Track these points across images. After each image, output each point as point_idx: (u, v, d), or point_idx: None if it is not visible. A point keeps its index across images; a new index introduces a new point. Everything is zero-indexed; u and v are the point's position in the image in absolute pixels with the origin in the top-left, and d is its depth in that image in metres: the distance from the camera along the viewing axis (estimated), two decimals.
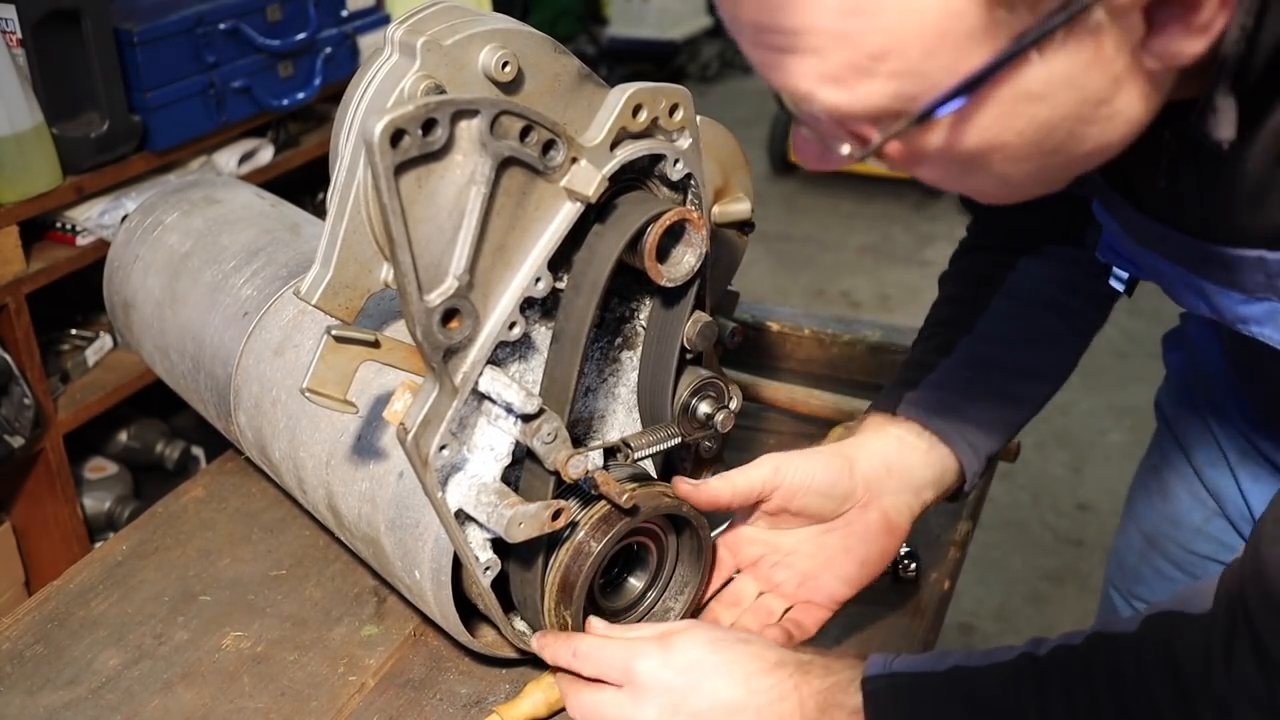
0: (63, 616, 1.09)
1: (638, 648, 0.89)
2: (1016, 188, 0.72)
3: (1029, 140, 0.65)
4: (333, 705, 0.99)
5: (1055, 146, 0.66)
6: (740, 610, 1.01)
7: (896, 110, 0.63)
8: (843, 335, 1.46)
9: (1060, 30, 0.58)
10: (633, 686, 0.88)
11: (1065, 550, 2.94)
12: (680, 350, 0.97)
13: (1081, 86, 0.62)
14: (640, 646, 0.89)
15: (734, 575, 1.04)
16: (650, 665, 0.87)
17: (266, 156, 2.49)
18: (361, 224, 0.89)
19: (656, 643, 0.89)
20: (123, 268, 1.30)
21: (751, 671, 0.86)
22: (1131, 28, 0.60)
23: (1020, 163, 0.67)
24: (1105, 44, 0.60)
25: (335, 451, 1.02)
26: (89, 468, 2.42)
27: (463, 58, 0.84)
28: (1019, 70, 0.60)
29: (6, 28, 1.98)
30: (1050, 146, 0.66)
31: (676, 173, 0.91)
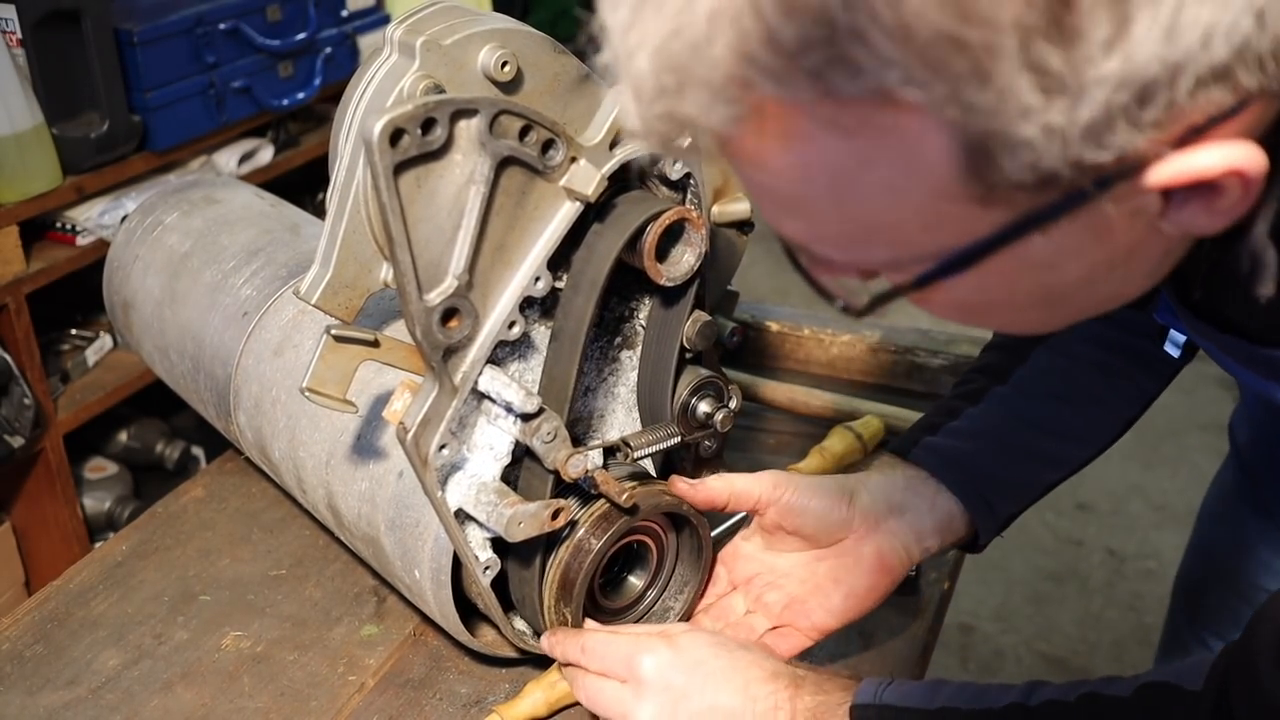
0: (63, 616, 1.09)
1: (643, 643, 0.89)
2: (1026, 328, 0.71)
3: (1035, 298, 0.63)
4: (333, 705, 0.99)
5: (1063, 301, 0.64)
6: (724, 625, 1.00)
7: (892, 267, 0.60)
8: (843, 335, 1.46)
9: (1064, 216, 0.54)
10: (636, 681, 0.88)
11: (1065, 550, 2.94)
12: (680, 350, 0.97)
13: (1089, 259, 0.59)
14: (646, 642, 0.89)
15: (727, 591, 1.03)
16: (654, 662, 0.87)
17: (266, 156, 2.49)
18: (361, 224, 0.89)
19: (662, 640, 0.89)
20: (122, 268, 1.30)
21: (751, 679, 0.86)
22: (1146, 206, 0.55)
23: (1026, 311, 0.65)
24: (1116, 223, 0.56)
25: (335, 451, 1.02)
26: (89, 468, 2.42)
27: (462, 57, 0.84)
28: (1020, 245, 0.56)
29: (6, 28, 1.98)
30: (1058, 302, 0.64)
31: (676, 172, 0.91)
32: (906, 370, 1.42)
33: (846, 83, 0.48)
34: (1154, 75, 0.46)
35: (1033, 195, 0.52)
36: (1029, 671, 2.57)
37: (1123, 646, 2.65)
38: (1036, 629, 2.69)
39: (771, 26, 0.47)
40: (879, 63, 0.46)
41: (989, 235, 0.55)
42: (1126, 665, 2.59)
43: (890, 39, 0.45)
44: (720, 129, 0.52)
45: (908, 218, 0.55)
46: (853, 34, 0.46)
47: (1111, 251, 0.58)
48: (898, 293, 0.60)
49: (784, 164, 0.54)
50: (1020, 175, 0.50)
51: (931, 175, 0.52)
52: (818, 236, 0.59)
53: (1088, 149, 0.48)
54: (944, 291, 0.60)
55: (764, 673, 0.86)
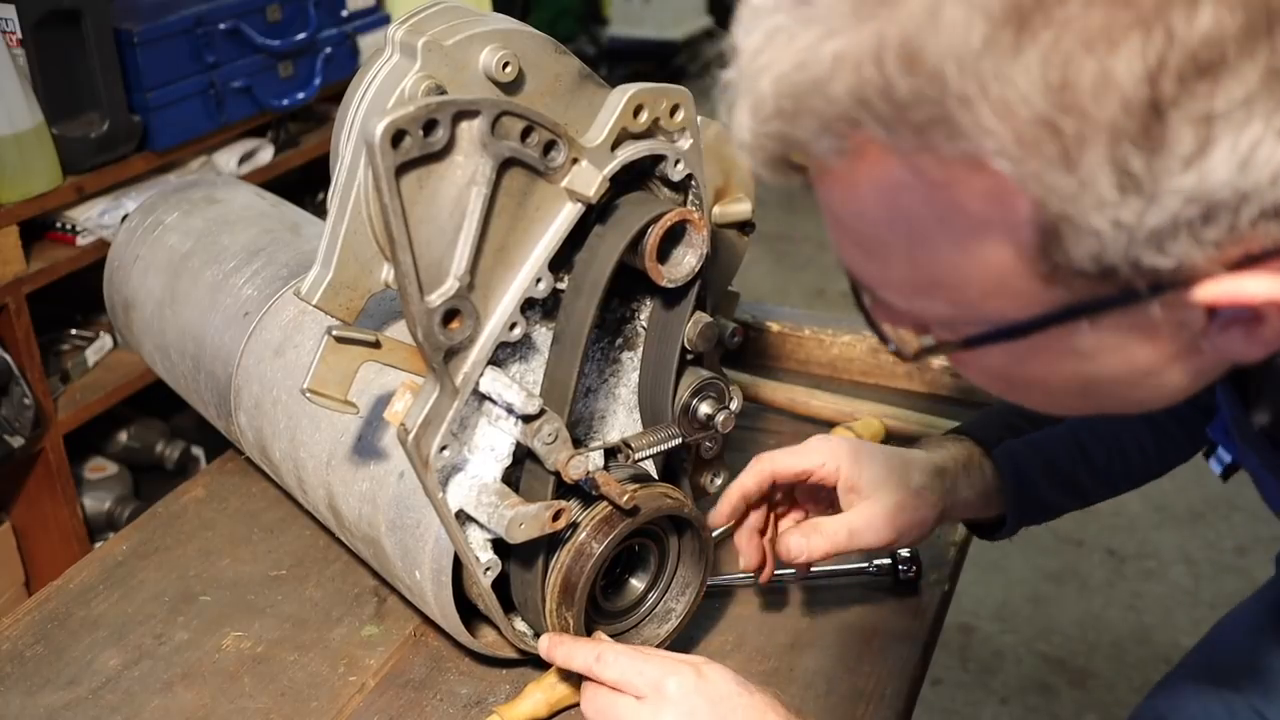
0: (63, 616, 1.09)
1: (673, 666, 0.88)
2: (1056, 410, 0.74)
3: (1071, 387, 0.66)
4: (333, 705, 0.99)
5: (1095, 394, 0.67)
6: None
7: (946, 324, 0.65)
8: (843, 335, 1.46)
9: (1115, 309, 0.58)
10: (659, 698, 0.87)
11: (1065, 550, 2.94)
12: (681, 351, 0.97)
13: (1130, 357, 0.62)
14: (676, 666, 0.88)
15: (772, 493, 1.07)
16: (679, 683, 0.86)
17: (266, 156, 2.48)
18: (362, 224, 0.89)
19: (690, 668, 0.88)
20: (123, 267, 1.30)
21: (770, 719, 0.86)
22: (1191, 321, 0.58)
23: (1060, 394, 0.69)
24: (1161, 329, 0.59)
25: (336, 452, 1.02)
26: (89, 468, 2.41)
27: (463, 58, 0.84)
28: (1068, 329, 0.60)
29: (6, 28, 1.98)
30: (1090, 393, 0.67)
31: (677, 173, 0.91)
32: (907, 370, 1.42)
33: (945, 142, 0.52)
34: (1223, 199, 0.50)
35: (1091, 284, 0.56)
36: (1029, 671, 2.57)
37: (1123, 646, 2.65)
38: (1036, 629, 2.68)
39: (889, 78, 0.51)
40: (979, 130, 0.50)
41: (1042, 313, 0.59)
42: (1126, 665, 2.59)
43: (994, 112, 0.49)
44: (822, 158, 0.57)
45: (972, 279, 0.59)
46: (961, 100, 0.50)
47: (1150, 357, 0.62)
48: (944, 349, 0.65)
49: (870, 204, 0.59)
50: (1084, 262, 0.54)
51: (1004, 244, 0.56)
52: (886, 281, 0.64)
53: (1149, 251, 0.52)
54: (987, 357, 0.65)
55: (781, 716, 0.86)
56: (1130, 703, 2.49)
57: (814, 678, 1.01)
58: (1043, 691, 2.53)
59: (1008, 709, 2.50)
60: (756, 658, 1.03)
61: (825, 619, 1.08)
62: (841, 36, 0.53)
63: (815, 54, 0.53)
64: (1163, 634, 2.67)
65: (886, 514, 1.00)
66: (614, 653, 0.90)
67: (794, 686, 1.00)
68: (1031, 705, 2.50)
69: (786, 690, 1.00)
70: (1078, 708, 2.50)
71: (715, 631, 1.06)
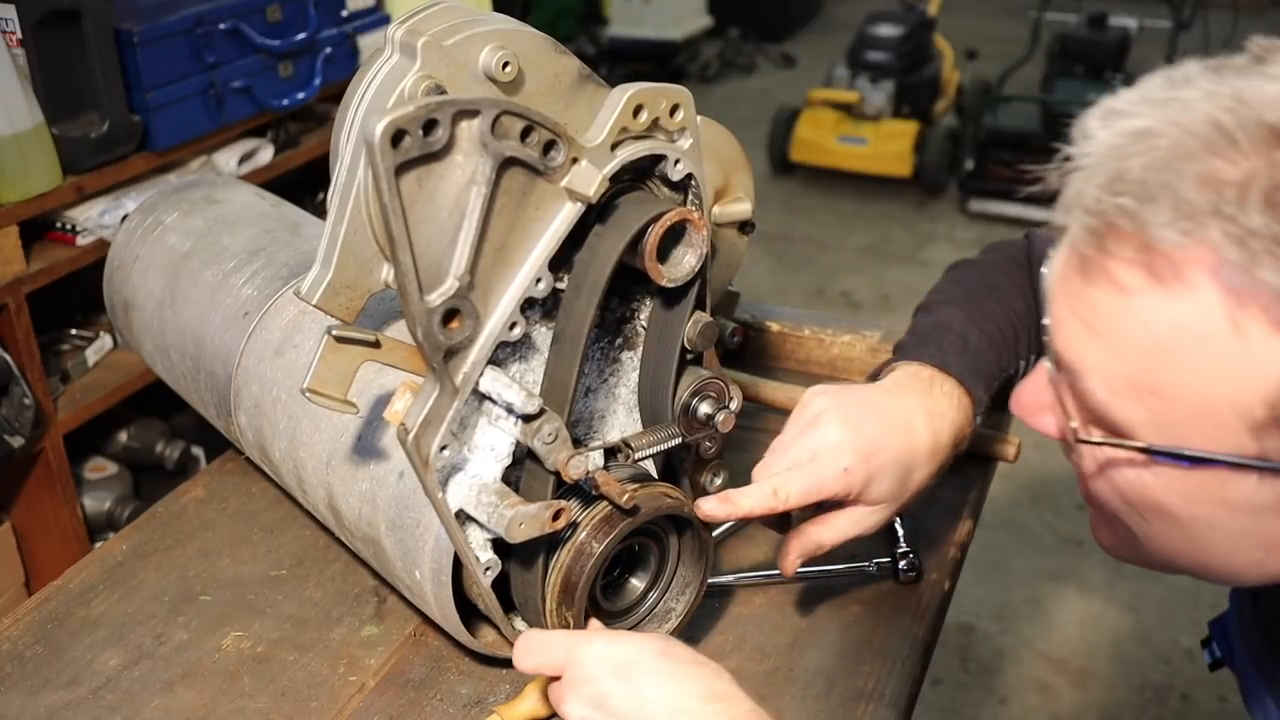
0: (63, 616, 1.09)
1: (582, 637, 0.85)
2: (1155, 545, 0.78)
3: (1193, 530, 0.72)
4: (333, 705, 0.99)
5: (1207, 547, 0.73)
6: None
7: (1128, 429, 0.70)
8: (842, 335, 1.46)
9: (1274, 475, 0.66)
10: (572, 672, 0.83)
11: (1065, 550, 2.94)
12: (681, 351, 0.97)
13: (1261, 522, 0.69)
14: (584, 635, 0.85)
15: None
16: (588, 655, 0.82)
17: (266, 156, 2.49)
18: (362, 224, 0.89)
19: (603, 636, 0.84)
20: (123, 267, 1.30)
21: (689, 692, 0.80)
22: None
23: (1175, 536, 0.74)
24: None
25: (336, 451, 1.02)
26: (89, 468, 2.42)
27: (463, 58, 0.84)
28: (1238, 475, 0.67)
29: (6, 28, 1.98)
30: (1203, 545, 0.73)
31: (677, 173, 0.91)
32: None
33: (1270, 275, 0.61)
34: None
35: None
36: (1029, 671, 2.57)
37: (1122, 646, 2.65)
38: (1036, 629, 2.69)
39: (1250, 208, 0.61)
40: None
41: (1230, 454, 0.66)
42: (1126, 665, 2.59)
43: None
44: (1145, 236, 0.64)
45: (1190, 403, 0.66)
46: None
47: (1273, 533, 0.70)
48: (1118, 447, 0.71)
49: (1142, 299, 0.65)
50: None
51: (1247, 387, 0.64)
52: (1103, 370, 0.69)
53: None
54: (1142, 472, 0.71)
55: (708, 692, 0.80)
56: (1130, 703, 2.50)
57: (814, 678, 1.01)
58: (1043, 691, 2.53)
59: (1007, 709, 2.50)
60: (756, 657, 1.03)
61: (825, 619, 1.08)
62: (1218, 159, 0.63)
63: (1201, 165, 0.63)
64: (1163, 634, 2.67)
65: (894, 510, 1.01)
66: (529, 637, 0.87)
67: (794, 686, 1.00)
68: (1031, 705, 2.50)
69: (786, 690, 1.00)
70: (1078, 708, 2.50)
71: (715, 631, 1.06)
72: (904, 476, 0.99)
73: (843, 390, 1.02)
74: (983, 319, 1.12)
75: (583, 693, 0.81)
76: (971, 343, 1.10)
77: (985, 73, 5.46)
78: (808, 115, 4.89)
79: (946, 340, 1.09)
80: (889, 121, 4.83)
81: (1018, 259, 1.19)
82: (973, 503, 1.23)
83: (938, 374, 1.06)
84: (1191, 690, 2.53)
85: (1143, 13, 5.21)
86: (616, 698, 0.80)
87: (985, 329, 1.11)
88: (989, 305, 1.14)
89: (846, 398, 1.00)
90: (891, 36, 4.83)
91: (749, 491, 0.95)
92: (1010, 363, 1.14)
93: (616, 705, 0.80)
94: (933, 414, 1.02)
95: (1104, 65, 4.87)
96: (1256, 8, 6.70)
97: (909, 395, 1.03)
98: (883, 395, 1.02)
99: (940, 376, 1.06)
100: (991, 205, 4.72)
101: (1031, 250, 1.19)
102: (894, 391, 1.03)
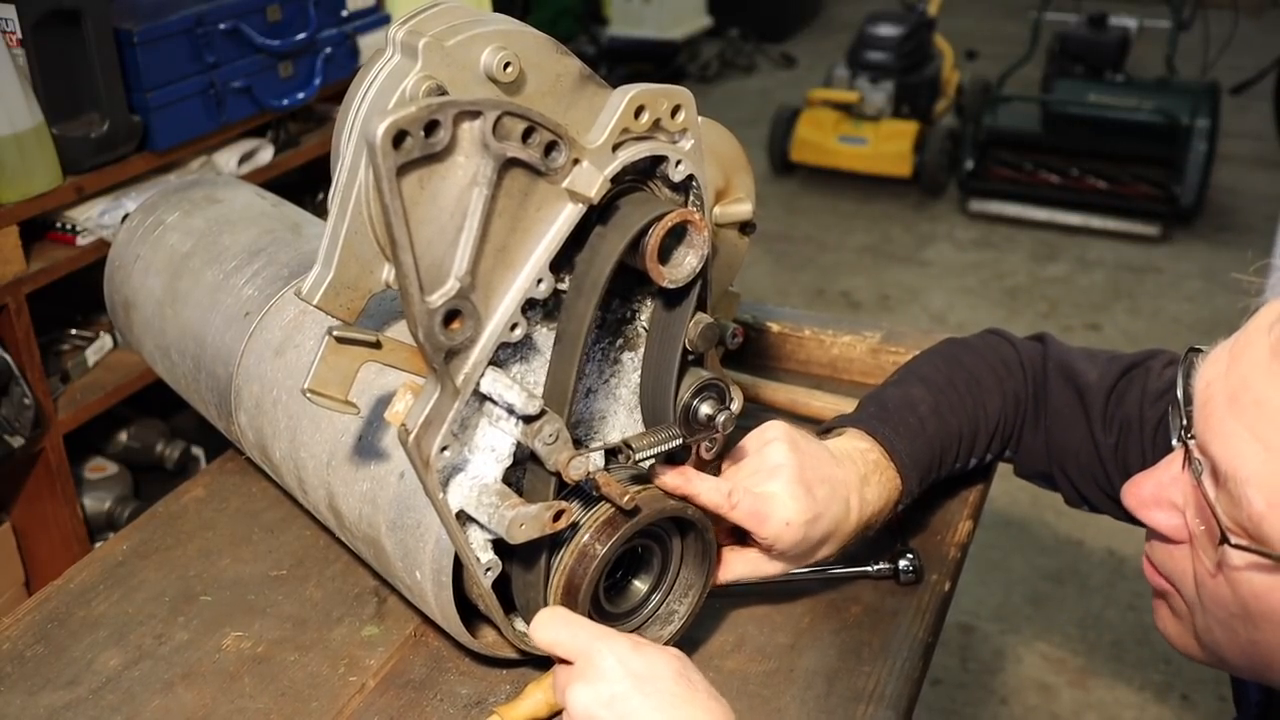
0: (63, 616, 1.09)
1: (607, 633, 0.86)
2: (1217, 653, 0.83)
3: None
4: (333, 706, 0.99)
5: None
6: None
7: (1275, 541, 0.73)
8: (843, 335, 1.46)
9: None
10: (586, 663, 0.84)
11: (1065, 550, 2.94)
12: (682, 351, 0.97)
13: None
14: (609, 632, 0.86)
15: None
16: (609, 653, 0.83)
17: (266, 156, 2.49)
18: (363, 224, 0.89)
19: (626, 639, 0.85)
20: (124, 267, 1.30)
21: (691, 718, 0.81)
22: None
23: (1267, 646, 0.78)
24: None
25: (336, 452, 1.02)
26: (89, 468, 2.42)
27: (464, 58, 0.84)
28: None
29: (6, 28, 1.98)
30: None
31: (678, 174, 0.91)
32: None
33: None
34: None
35: None
36: (1029, 671, 2.57)
37: (1123, 646, 2.65)
38: (1036, 629, 2.69)
39: None
40: None
41: None
42: (1126, 665, 2.59)
43: None
44: None
45: None
46: None
47: None
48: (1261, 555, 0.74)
49: None
50: None
51: None
52: (1265, 481, 0.73)
53: None
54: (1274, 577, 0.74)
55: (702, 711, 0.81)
56: (1130, 703, 2.50)
57: (814, 678, 1.01)
58: (1043, 691, 2.53)
59: (1008, 709, 2.50)
60: (757, 658, 1.03)
61: (825, 620, 1.08)
62: None
63: None
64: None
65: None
66: (557, 614, 0.88)
67: (794, 687, 1.01)
68: (1031, 705, 2.50)
69: (786, 690, 1.00)
70: (1078, 708, 2.50)
71: (716, 632, 1.07)
72: (820, 547, 1.03)
73: (801, 444, 1.03)
74: (950, 410, 1.13)
75: (594, 688, 0.82)
76: (928, 431, 1.11)
77: (985, 73, 5.47)
78: (808, 115, 4.89)
79: (906, 423, 1.11)
80: (889, 121, 4.83)
81: (1012, 360, 1.18)
82: (973, 503, 1.23)
83: (883, 459, 1.08)
84: (1191, 690, 2.53)
85: (1143, 13, 5.22)
86: (628, 705, 0.81)
87: (948, 421, 1.13)
88: (964, 397, 1.14)
89: (805, 456, 1.02)
90: (891, 36, 4.84)
91: (708, 480, 0.98)
92: (961, 460, 1.16)
93: (624, 710, 0.81)
94: (865, 502, 1.05)
95: (1104, 65, 4.87)
96: (1256, 8, 6.71)
97: (851, 472, 1.05)
98: (833, 466, 1.04)
99: (885, 463, 1.08)
100: (991, 205, 4.72)
101: (1048, 355, 1.18)
102: (843, 463, 1.05)
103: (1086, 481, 1.15)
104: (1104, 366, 1.15)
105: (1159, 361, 1.13)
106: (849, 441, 1.09)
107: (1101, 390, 1.13)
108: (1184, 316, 4.08)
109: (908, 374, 1.18)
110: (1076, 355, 1.18)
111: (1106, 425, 1.11)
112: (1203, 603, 0.81)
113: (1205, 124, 4.47)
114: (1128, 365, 1.14)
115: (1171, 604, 0.87)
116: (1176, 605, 0.86)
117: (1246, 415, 0.74)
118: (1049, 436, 1.16)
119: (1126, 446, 1.09)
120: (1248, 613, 0.77)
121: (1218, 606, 0.80)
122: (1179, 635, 0.87)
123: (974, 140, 4.70)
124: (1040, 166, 4.58)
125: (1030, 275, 4.35)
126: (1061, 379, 1.16)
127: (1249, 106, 5.60)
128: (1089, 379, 1.14)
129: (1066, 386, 1.15)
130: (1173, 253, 4.48)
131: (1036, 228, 4.64)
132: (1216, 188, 4.65)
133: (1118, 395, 1.12)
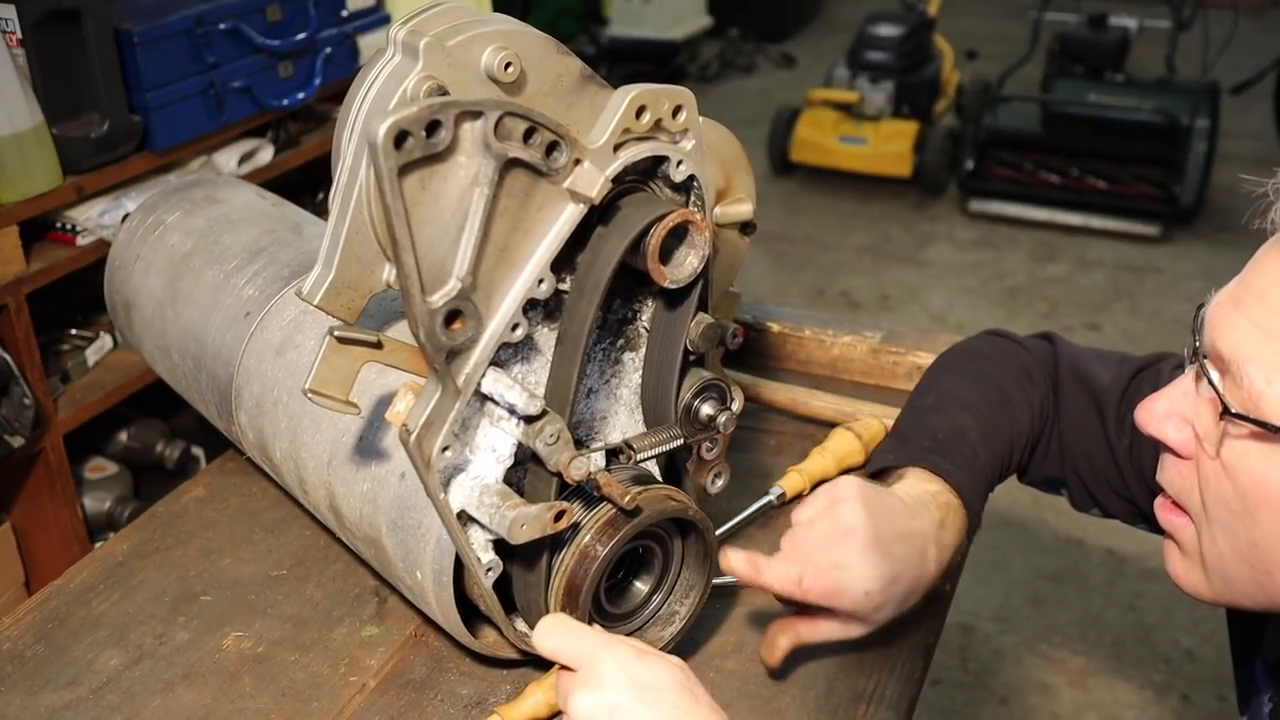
0: (63, 616, 1.09)
1: (611, 639, 0.85)
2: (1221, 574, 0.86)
3: None
4: (334, 706, 0.99)
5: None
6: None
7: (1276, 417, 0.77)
8: (843, 335, 1.46)
9: None
10: (589, 671, 0.82)
11: (1065, 550, 2.94)
12: (683, 352, 0.97)
13: None
14: (613, 638, 0.85)
15: None
16: (612, 660, 0.82)
17: (266, 156, 2.49)
18: (364, 225, 0.89)
19: (630, 646, 0.84)
20: (124, 267, 1.30)
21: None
22: None
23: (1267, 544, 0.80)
24: None
25: (337, 452, 1.02)
26: (89, 468, 2.42)
27: (465, 58, 0.84)
28: None
29: (6, 28, 1.98)
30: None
31: (679, 174, 0.91)
32: (907, 371, 1.42)
33: None
34: None
35: None
36: (1029, 671, 2.57)
37: (1123, 646, 2.65)
38: (1036, 629, 2.69)
39: None
40: None
41: None
42: (1126, 665, 2.59)
43: None
44: None
45: None
46: None
47: None
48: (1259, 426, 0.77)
49: None
50: None
51: None
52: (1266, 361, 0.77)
53: None
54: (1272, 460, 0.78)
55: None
56: (1130, 703, 2.50)
57: (814, 678, 1.01)
58: (1043, 691, 2.53)
59: (1008, 709, 2.50)
60: (757, 658, 1.03)
61: None
62: None
63: None
64: (1163, 634, 2.67)
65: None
66: (559, 621, 0.87)
67: (794, 688, 1.00)
68: (1031, 705, 2.50)
69: (787, 691, 1.00)
70: (1078, 708, 2.50)
71: (717, 632, 1.06)
72: (905, 603, 1.02)
73: (874, 502, 1.00)
74: (994, 434, 1.13)
75: (596, 695, 0.81)
76: (981, 460, 1.11)
77: (985, 73, 5.47)
78: (808, 115, 4.89)
79: (963, 455, 1.10)
80: (889, 121, 4.83)
81: (1031, 368, 1.18)
82: None
83: (953, 499, 1.07)
84: (1191, 690, 2.53)
85: (1143, 13, 5.22)
86: (630, 714, 0.80)
87: (994, 446, 1.13)
88: (1000, 417, 1.14)
89: (879, 516, 1.00)
90: (891, 36, 4.84)
91: (776, 566, 0.97)
92: (1003, 478, 1.17)
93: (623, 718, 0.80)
94: (943, 548, 1.04)
95: (1104, 65, 4.87)
96: (1256, 8, 6.71)
97: (928, 521, 1.04)
98: (908, 518, 1.02)
99: (955, 503, 1.07)
100: (991, 205, 4.72)
101: (1059, 358, 1.18)
102: (918, 514, 1.03)
103: (1100, 485, 1.15)
104: (1115, 369, 1.16)
105: (1168, 364, 1.14)
106: (917, 485, 1.07)
107: (1115, 393, 1.13)
108: (1184, 316, 4.07)
109: (943, 398, 1.16)
110: (1088, 358, 1.18)
111: (1120, 428, 1.12)
112: (1207, 510, 0.84)
113: (1205, 124, 4.47)
114: (1139, 367, 1.15)
115: (1181, 540, 0.89)
116: (1185, 540, 0.88)
117: (1250, 310, 0.79)
118: (1063, 441, 1.16)
119: (1140, 448, 1.10)
120: (1247, 506, 0.80)
121: (1220, 507, 0.82)
122: (1187, 574, 0.89)
123: (974, 140, 4.70)
124: (1040, 166, 4.58)
125: (1030, 275, 4.35)
126: (1075, 383, 1.16)
127: (1249, 106, 5.60)
128: (1102, 382, 1.14)
129: (1080, 390, 1.15)
130: (1173, 253, 4.48)
131: (1036, 228, 4.64)
132: (1216, 188, 4.65)
133: (1130, 398, 1.12)
